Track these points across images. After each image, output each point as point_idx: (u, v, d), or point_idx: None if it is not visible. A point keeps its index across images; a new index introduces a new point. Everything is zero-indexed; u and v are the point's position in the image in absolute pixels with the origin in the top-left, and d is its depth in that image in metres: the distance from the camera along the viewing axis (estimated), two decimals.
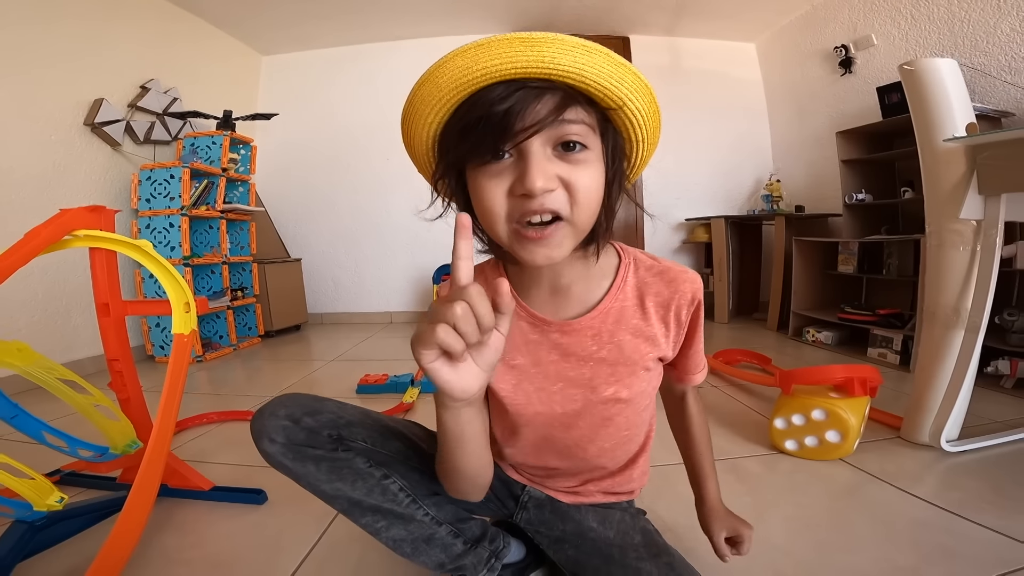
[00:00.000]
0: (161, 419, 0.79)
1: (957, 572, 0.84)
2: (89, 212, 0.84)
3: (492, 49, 0.47)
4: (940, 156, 1.25)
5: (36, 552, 0.92)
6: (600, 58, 0.49)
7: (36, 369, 0.79)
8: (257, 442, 0.64)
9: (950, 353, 1.26)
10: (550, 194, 0.50)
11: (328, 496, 0.67)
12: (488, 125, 0.49)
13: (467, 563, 0.72)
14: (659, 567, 0.66)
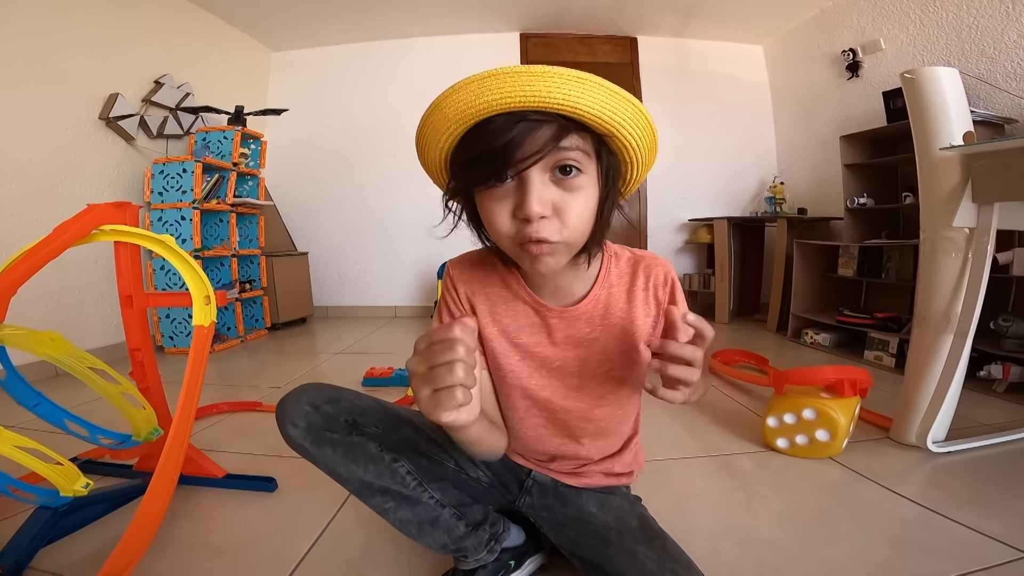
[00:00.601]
0: (182, 407, 0.84)
1: (929, 567, 0.87)
2: (115, 208, 0.88)
3: (494, 82, 0.52)
4: (937, 164, 1.28)
5: (58, 538, 0.96)
6: (594, 89, 0.54)
7: (67, 358, 0.83)
8: (281, 426, 0.69)
9: (939, 357, 1.29)
10: (544, 221, 0.57)
11: (343, 478, 0.72)
12: (491, 155, 0.55)
13: (468, 545, 0.76)
14: (654, 550, 0.70)
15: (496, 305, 0.76)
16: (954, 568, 0.87)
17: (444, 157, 0.62)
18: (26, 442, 0.68)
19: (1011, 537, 0.94)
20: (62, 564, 0.90)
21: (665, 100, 3.97)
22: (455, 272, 0.80)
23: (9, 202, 2.16)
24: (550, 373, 0.75)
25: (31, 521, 0.92)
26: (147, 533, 0.84)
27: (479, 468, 0.83)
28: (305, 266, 3.77)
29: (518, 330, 0.75)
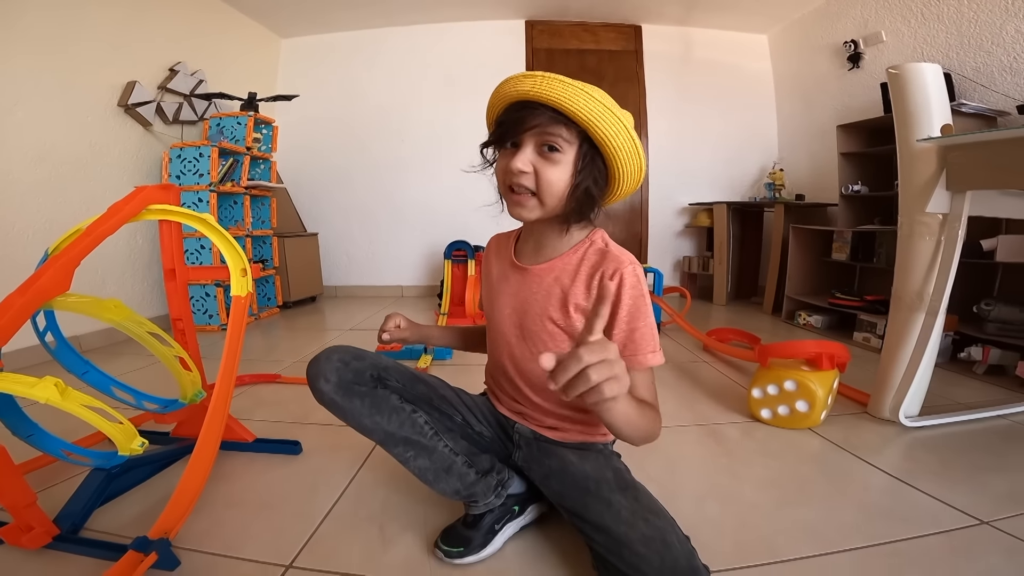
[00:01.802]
0: (224, 369, 0.94)
1: (891, 529, 0.96)
2: (161, 189, 0.98)
3: (521, 81, 0.75)
4: (915, 154, 1.37)
5: (110, 499, 1.05)
6: (576, 91, 0.72)
7: (129, 323, 0.93)
8: (314, 383, 0.81)
9: (912, 334, 1.39)
10: (525, 176, 0.76)
11: (368, 429, 0.83)
12: (506, 127, 0.78)
13: (478, 490, 0.88)
14: (627, 498, 0.79)
15: (496, 260, 0.98)
16: (914, 531, 0.95)
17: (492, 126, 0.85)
18: (92, 401, 0.78)
19: (970, 506, 1.03)
20: (113, 524, 0.99)
21: (669, 87, 4.02)
22: (491, 240, 1.05)
23: (35, 186, 2.25)
24: (512, 311, 0.91)
25: (87, 483, 1.00)
26: (195, 490, 0.93)
27: (481, 423, 0.96)
28: (315, 247, 3.88)
29: (497, 276, 0.96)
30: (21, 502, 0.84)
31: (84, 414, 0.77)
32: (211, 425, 0.92)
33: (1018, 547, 0.89)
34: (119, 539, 0.90)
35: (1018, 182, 1.18)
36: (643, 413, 0.71)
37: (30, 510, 0.86)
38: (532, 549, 0.92)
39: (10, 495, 0.82)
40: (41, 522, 0.88)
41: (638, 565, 0.68)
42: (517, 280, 0.91)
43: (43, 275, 0.79)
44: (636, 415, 0.69)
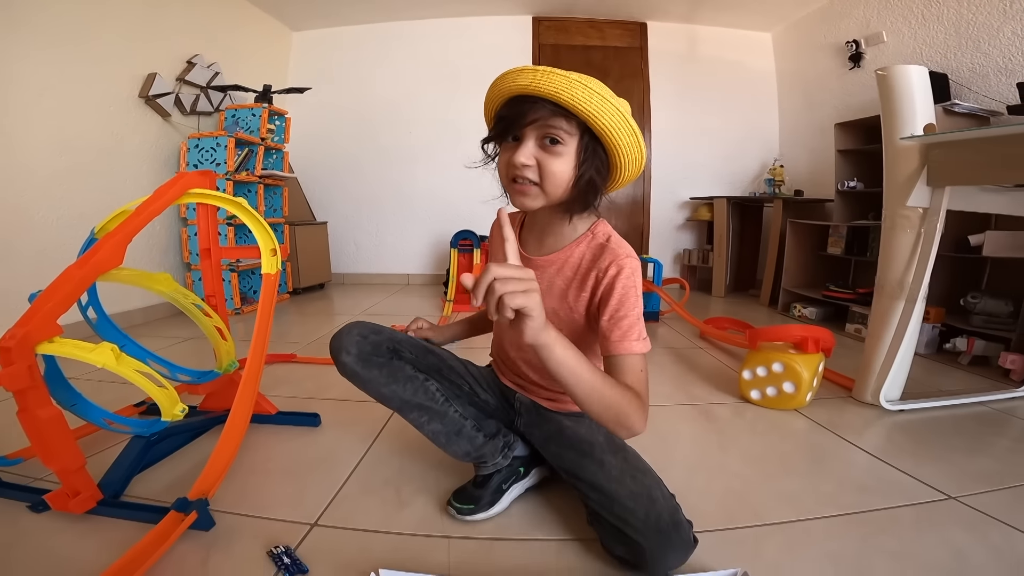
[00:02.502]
0: (256, 341, 1.03)
1: (864, 500, 1.05)
2: (201, 175, 1.07)
3: (520, 75, 0.76)
4: (899, 151, 1.45)
5: (148, 466, 1.12)
6: (576, 86, 0.74)
7: (176, 294, 1.03)
8: (336, 355, 0.90)
9: (893, 321, 1.47)
10: (528, 168, 0.79)
11: (386, 397, 0.93)
12: (507, 122, 0.80)
13: (486, 451, 0.97)
14: (617, 459, 0.88)
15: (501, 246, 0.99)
16: (885, 503, 1.03)
17: (491, 118, 0.87)
18: (143, 367, 0.87)
19: (938, 482, 1.11)
20: (150, 490, 1.05)
21: (673, 84, 4.09)
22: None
23: (59, 174, 2.34)
24: None
25: (127, 450, 1.07)
26: (230, 453, 1.01)
27: (486, 392, 1.06)
28: (324, 235, 3.97)
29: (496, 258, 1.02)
30: (72, 466, 0.90)
31: (136, 378, 0.86)
32: (245, 392, 1.02)
33: (980, 520, 0.97)
34: (158, 503, 0.97)
35: (993, 178, 1.27)
36: (610, 391, 0.73)
37: (79, 474, 0.92)
38: (535, 509, 1.01)
39: (63, 458, 0.88)
40: (88, 487, 0.94)
41: (626, 518, 0.77)
42: None
43: (99, 251, 0.87)
44: (595, 382, 0.72)
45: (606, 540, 0.82)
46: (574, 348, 0.69)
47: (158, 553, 0.80)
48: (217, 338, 1.15)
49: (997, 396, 1.64)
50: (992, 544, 0.89)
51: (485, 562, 0.85)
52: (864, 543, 0.90)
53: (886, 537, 0.92)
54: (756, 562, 0.80)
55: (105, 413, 1.08)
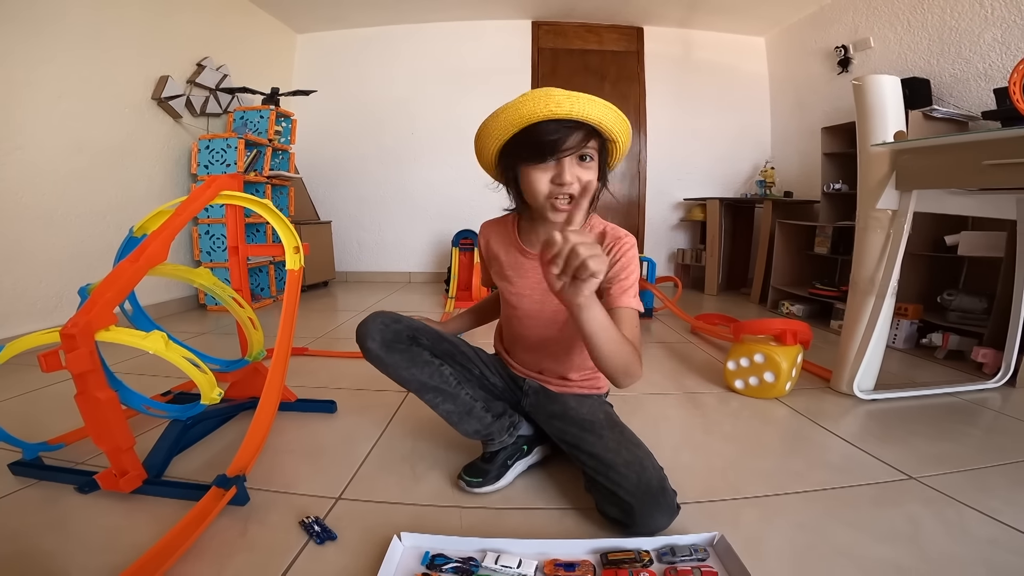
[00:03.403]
0: (282, 331, 1.14)
1: (831, 477, 1.15)
2: (231, 178, 1.17)
3: (545, 99, 0.87)
4: (871, 156, 1.56)
5: (184, 449, 1.20)
6: (607, 110, 0.90)
7: (215, 287, 1.13)
8: (362, 342, 1.02)
9: (865, 315, 1.59)
10: (573, 184, 0.90)
11: (405, 380, 1.04)
12: (545, 145, 0.89)
13: (494, 430, 1.09)
14: (614, 433, 1.01)
15: (501, 248, 1.15)
16: (850, 481, 1.12)
17: (498, 147, 0.97)
18: (188, 354, 0.98)
19: (900, 463, 1.20)
20: (187, 470, 1.14)
21: (668, 87, 4.20)
22: (482, 228, 1.21)
23: (77, 172, 2.44)
24: (525, 297, 1.11)
25: (166, 434, 1.15)
26: (263, 433, 1.09)
27: (495, 375, 1.18)
28: (328, 233, 4.08)
29: (508, 265, 1.13)
30: (123, 445, 0.96)
31: (182, 363, 0.96)
32: (274, 378, 1.12)
33: (936, 497, 1.06)
34: (197, 482, 1.05)
35: (956, 182, 1.38)
36: (623, 343, 0.85)
37: (127, 454, 0.98)
38: (537, 483, 1.12)
39: (116, 438, 0.95)
40: (135, 466, 1.01)
41: (620, 482, 0.89)
42: (534, 268, 1.08)
43: (148, 247, 0.98)
44: (615, 334, 0.84)
45: (601, 503, 0.93)
46: (602, 308, 0.82)
47: (204, 524, 0.88)
48: (249, 327, 1.25)
49: (967, 388, 1.75)
50: (945, 519, 0.97)
51: (495, 526, 0.95)
52: (828, 515, 0.99)
53: (848, 510, 1.01)
54: (733, 529, 0.89)
55: (145, 399, 1.19)
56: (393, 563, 0.82)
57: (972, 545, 0.88)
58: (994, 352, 1.91)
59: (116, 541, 0.89)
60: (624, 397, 1.58)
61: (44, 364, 0.87)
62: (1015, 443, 1.34)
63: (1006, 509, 0.99)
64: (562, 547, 0.86)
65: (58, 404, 1.52)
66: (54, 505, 1.00)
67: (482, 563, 0.81)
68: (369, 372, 1.79)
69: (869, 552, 0.86)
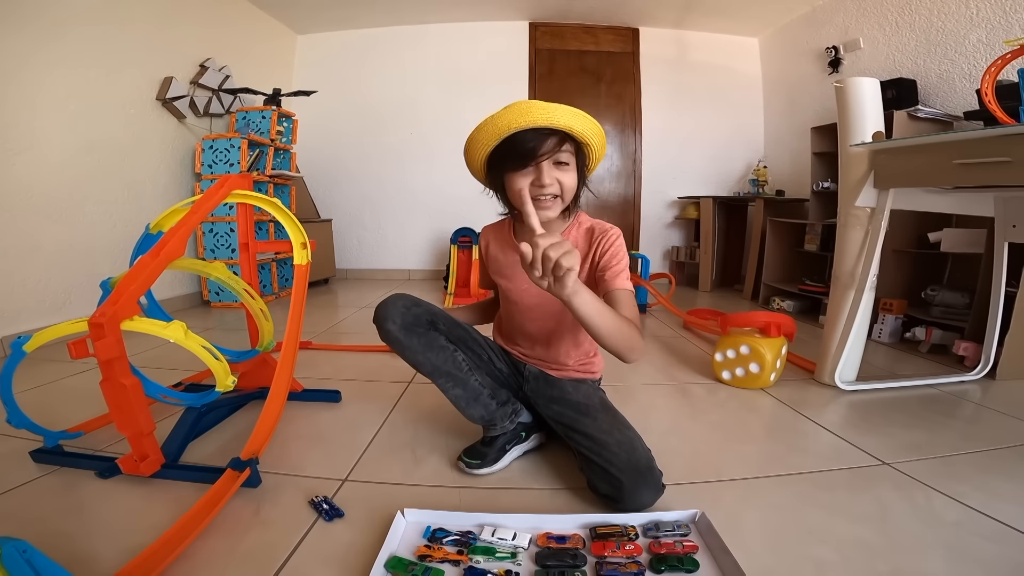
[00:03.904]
0: (291, 324, 1.21)
1: (808, 462, 1.21)
2: (241, 178, 1.23)
3: (525, 110, 0.96)
4: (852, 156, 1.63)
5: (198, 435, 1.26)
6: (580, 118, 0.99)
7: (230, 280, 1.20)
8: (382, 323, 1.09)
9: (846, 308, 1.66)
10: (552, 186, 1.01)
11: (420, 363, 1.11)
12: (524, 153, 0.99)
13: (497, 416, 1.16)
14: (607, 416, 1.09)
15: (499, 248, 1.24)
16: (826, 466, 1.19)
17: (486, 155, 1.07)
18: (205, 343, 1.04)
19: (875, 450, 1.26)
20: (201, 455, 1.21)
21: (664, 87, 4.27)
22: (483, 232, 1.31)
23: (86, 171, 2.51)
24: (523, 292, 1.19)
25: (182, 421, 1.20)
26: (274, 418, 1.15)
27: (500, 362, 1.25)
28: (328, 232, 4.15)
29: (505, 265, 1.22)
30: (145, 430, 1.02)
31: (200, 352, 1.03)
32: (284, 366, 1.19)
33: (907, 482, 1.11)
34: (211, 466, 1.10)
35: (930, 181, 1.44)
36: (619, 320, 0.93)
37: (148, 439, 1.03)
38: (532, 466, 1.19)
39: (139, 422, 1.00)
40: (154, 450, 1.06)
41: (611, 460, 0.96)
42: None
43: (167, 243, 1.04)
44: (609, 316, 0.91)
45: (593, 480, 1.00)
46: (592, 294, 0.88)
47: (220, 504, 0.94)
48: (261, 318, 1.32)
49: (948, 380, 1.81)
50: (915, 502, 1.02)
51: (492, 504, 1.02)
52: (803, 497, 1.05)
53: (822, 493, 1.06)
54: (714, 508, 0.94)
55: (161, 388, 1.26)
56: (397, 536, 0.88)
57: (938, 527, 0.93)
58: (975, 346, 1.97)
59: (137, 522, 0.94)
60: (616, 387, 1.66)
61: (73, 351, 0.93)
62: (989, 432, 1.40)
63: (974, 494, 1.04)
64: (554, 522, 0.93)
65: (72, 396, 1.59)
66: (75, 490, 1.05)
67: (480, 536, 0.88)
68: (371, 364, 1.90)
69: (840, 531, 0.92)
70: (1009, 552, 0.85)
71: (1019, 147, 1.17)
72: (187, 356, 1.81)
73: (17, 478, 1.09)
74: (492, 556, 0.83)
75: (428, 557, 0.82)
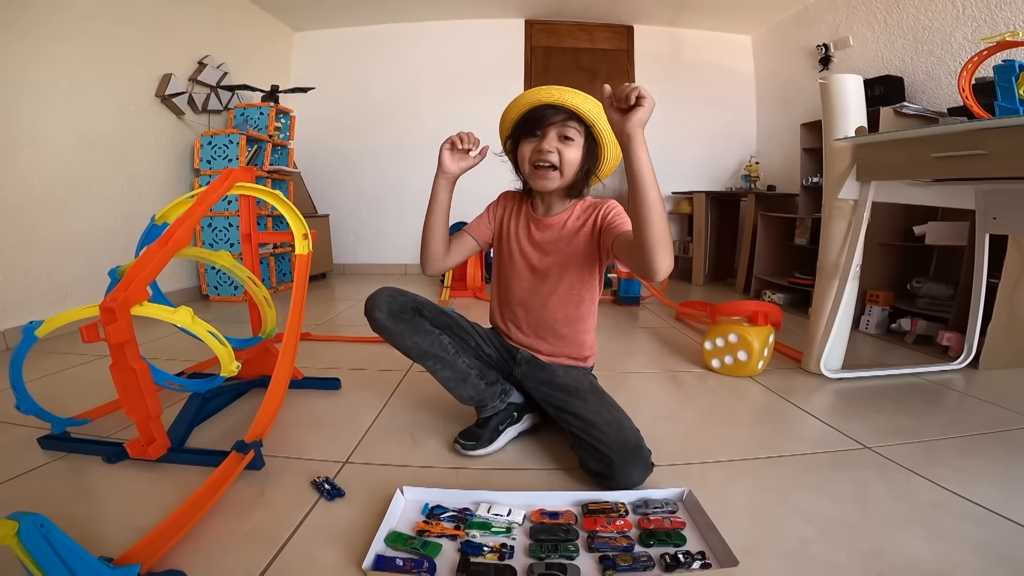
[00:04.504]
0: (293, 311, 1.25)
1: (793, 444, 1.26)
2: (244, 172, 1.28)
3: (545, 92, 1.09)
4: (835, 150, 1.68)
5: (203, 420, 1.30)
6: (586, 100, 1.09)
7: (235, 268, 1.24)
8: (370, 312, 1.14)
9: (830, 297, 1.71)
10: (550, 154, 1.10)
11: (408, 347, 1.16)
12: (533, 122, 1.11)
13: (487, 396, 1.20)
14: (596, 397, 1.14)
15: (510, 215, 1.31)
16: (810, 449, 1.23)
17: (511, 124, 1.18)
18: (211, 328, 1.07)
19: (858, 434, 1.30)
20: (206, 440, 1.24)
21: (657, 85, 4.27)
22: (502, 196, 1.38)
23: (87, 166, 2.53)
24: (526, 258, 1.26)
25: (187, 406, 1.24)
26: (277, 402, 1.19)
27: (489, 347, 1.30)
28: (326, 227, 4.18)
29: (515, 230, 1.28)
30: (153, 414, 1.04)
31: (206, 337, 1.06)
32: (286, 351, 1.23)
33: (887, 465, 1.15)
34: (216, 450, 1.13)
35: (910, 174, 1.50)
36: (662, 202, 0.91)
37: (155, 423, 1.06)
38: (526, 448, 1.23)
39: (147, 406, 1.03)
40: (161, 434, 1.09)
41: (601, 439, 1.01)
42: (535, 229, 1.25)
43: (174, 233, 1.08)
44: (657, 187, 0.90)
45: (584, 459, 1.05)
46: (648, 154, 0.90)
47: (226, 484, 0.97)
48: (264, 306, 1.37)
49: (931, 369, 1.87)
50: (894, 483, 1.06)
51: (487, 484, 1.06)
52: (788, 477, 1.09)
53: (805, 474, 1.11)
54: (701, 488, 0.98)
55: (166, 375, 1.29)
56: (396, 513, 0.92)
57: (916, 508, 0.96)
58: (958, 336, 2.02)
59: (145, 504, 0.97)
60: (608, 374, 1.70)
61: (85, 335, 0.97)
62: (970, 419, 1.44)
63: (952, 477, 1.07)
64: (548, 499, 0.97)
65: (76, 386, 1.63)
66: (83, 475, 1.08)
67: (476, 512, 0.92)
68: (370, 354, 1.95)
69: (821, 510, 0.96)
70: (983, 533, 0.88)
71: (993, 140, 1.21)
72: (188, 347, 1.87)
73: (26, 464, 1.12)
74: (488, 531, 0.87)
75: (426, 532, 0.86)
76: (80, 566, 0.66)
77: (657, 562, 0.79)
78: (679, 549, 0.82)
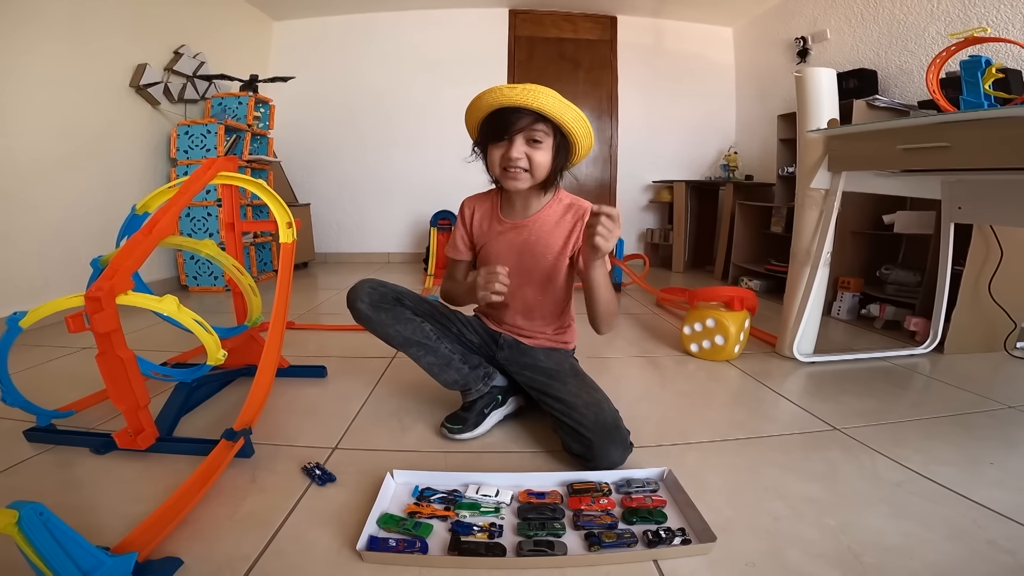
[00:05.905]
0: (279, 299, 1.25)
1: (766, 427, 1.30)
2: (227, 161, 1.28)
3: (509, 92, 1.05)
4: (808, 142, 1.73)
5: (189, 410, 1.31)
6: (556, 101, 1.07)
7: (220, 256, 1.24)
8: (352, 303, 1.17)
9: (802, 283, 1.77)
10: (519, 160, 1.10)
11: (390, 336, 1.19)
12: (500, 127, 1.10)
13: (471, 380, 1.24)
14: (576, 380, 1.18)
15: (483, 218, 1.32)
16: (782, 430, 1.28)
17: (477, 125, 1.17)
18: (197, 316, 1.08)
19: (828, 416, 1.36)
20: (193, 429, 1.25)
21: (639, 75, 4.35)
22: (466, 201, 1.36)
23: (61, 158, 2.48)
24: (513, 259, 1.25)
25: (173, 396, 1.26)
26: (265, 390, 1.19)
27: (472, 333, 1.33)
28: (307, 216, 4.16)
29: (489, 233, 1.30)
30: (141, 403, 1.04)
31: (192, 325, 1.07)
32: (273, 339, 1.24)
33: (855, 445, 1.20)
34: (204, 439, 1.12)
35: (878, 164, 1.55)
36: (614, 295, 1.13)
37: (143, 412, 1.06)
38: (511, 431, 1.27)
39: (135, 395, 1.02)
40: (149, 424, 1.08)
41: (580, 420, 1.05)
42: (513, 232, 1.26)
43: (159, 221, 1.08)
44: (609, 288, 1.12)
45: (566, 441, 1.09)
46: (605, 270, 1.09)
47: (217, 472, 0.98)
48: (249, 293, 1.38)
49: (899, 353, 1.94)
50: (861, 463, 1.11)
51: (475, 466, 1.09)
52: (760, 457, 1.14)
53: (777, 454, 1.16)
54: (680, 467, 1.02)
55: (152, 365, 1.29)
56: (387, 496, 0.95)
57: (880, 485, 1.02)
58: (924, 321, 2.09)
59: (137, 492, 0.97)
60: (591, 360, 1.74)
61: (71, 325, 0.97)
62: (934, 402, 1.50)
63: (915, 457, 1.12)
64: (534, 479, 1.01)
65: (58, 379, 1.61)
66: (72, 466, 1.08)
67: (465, 494, 0.95)
68: (355, 342, 1.97)
69: (793, 489, 1.00)
70: (943, 510, 0.93)
71: (957, 133, 1.27)
72: (169, 338, 1.87)
73: (12, 457, 1.11)
74: (477, 511, 0.90)
75: (417, 514, 0.89)
76: (80, 554, 0.67)
77: (640, 538, 0.83)
78: (660, 526, 0.86)
